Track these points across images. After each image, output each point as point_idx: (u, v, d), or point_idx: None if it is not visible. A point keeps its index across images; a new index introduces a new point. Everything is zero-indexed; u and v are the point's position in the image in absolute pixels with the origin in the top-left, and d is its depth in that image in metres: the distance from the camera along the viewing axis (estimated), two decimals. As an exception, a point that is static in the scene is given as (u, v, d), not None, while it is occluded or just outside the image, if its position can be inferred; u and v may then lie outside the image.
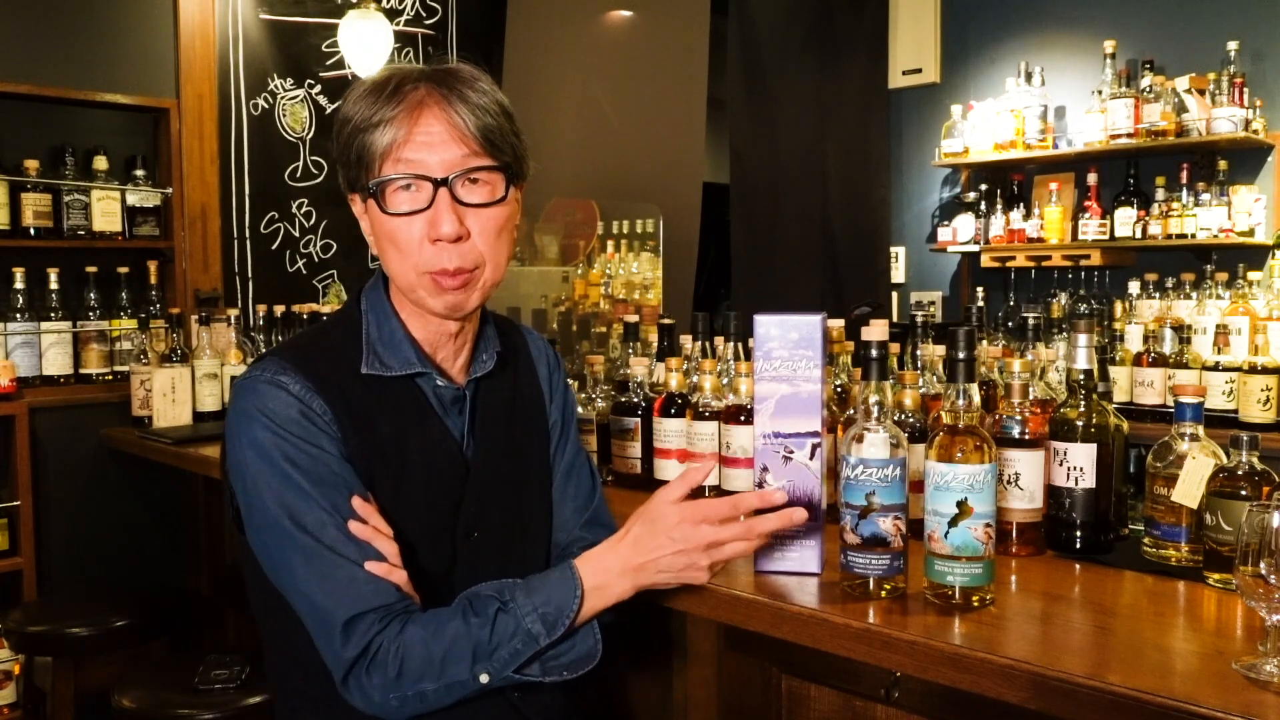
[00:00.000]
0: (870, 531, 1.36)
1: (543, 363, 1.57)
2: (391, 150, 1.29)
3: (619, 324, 2.61)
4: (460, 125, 1.29)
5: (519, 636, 1.25)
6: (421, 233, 1.30)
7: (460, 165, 1.30)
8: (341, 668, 1.24)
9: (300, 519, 1.26)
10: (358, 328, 1.39)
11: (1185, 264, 3.78)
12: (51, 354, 3.26)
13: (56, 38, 3.32)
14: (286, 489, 1.26)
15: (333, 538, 1.26)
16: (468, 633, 1.24)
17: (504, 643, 1.24)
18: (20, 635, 2.63)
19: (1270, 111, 4.02)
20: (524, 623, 1.25)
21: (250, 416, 1.29)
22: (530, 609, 1.26)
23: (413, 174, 1.29)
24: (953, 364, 1.38)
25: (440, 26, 4.39)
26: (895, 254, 5.18)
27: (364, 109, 1.30)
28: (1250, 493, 1.38)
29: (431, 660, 1.23)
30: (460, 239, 1.30)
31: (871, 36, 5.10)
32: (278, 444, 1.27)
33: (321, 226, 4.04)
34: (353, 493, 1.29)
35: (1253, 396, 2.94)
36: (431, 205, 1.30)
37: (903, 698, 1.37)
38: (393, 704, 1.24)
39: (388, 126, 1.28)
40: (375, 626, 1.23)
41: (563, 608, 1.27)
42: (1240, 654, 1.16)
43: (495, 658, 1.24)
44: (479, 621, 1.25)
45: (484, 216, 1.32)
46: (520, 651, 1.25)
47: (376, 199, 1.31)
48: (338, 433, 1.30)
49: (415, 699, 1.24)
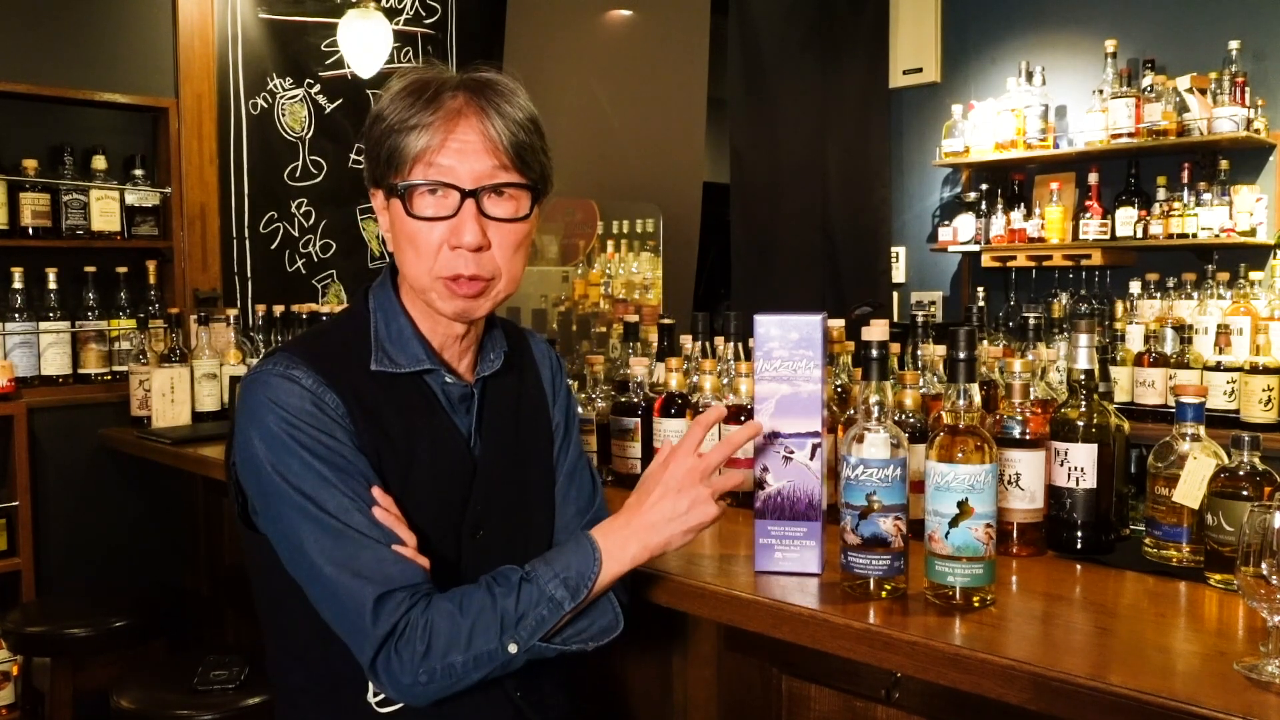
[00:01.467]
0: (871, 532, 1.35)
1: (545, 366, 1.58)
2: (424, 155, 1.29)
3: (619, 324, 2.61)
4: (494, 137, 1.30)
5: (544, 603, 1.26)
6: (442, 238, 1.31)
7: (489, 178, 1.31)
8: (371, 647, 1.23)
9: (323, 503, 1.26)
10: (366, 325, 1.39)
11: (1186, 264, 3.77)
12: (50, 354, 3.26)
13: (56, 38, 3.31)
14: (307, 475, 1.26)
15: (358, 521, 1.26)
16: (493, 603, 1.25)
17: (530, 610, 1.25)
18: (19, 636, 2.63)
19: (1272, 111, 4.02)
20: (547, 589, 1.27)
21: (264, 408, 1.29)
22: (551, 575, 1.28)
23: (442, 181, 1.30)
24: (953, 364, 1.38)
25: (440, 26, 4.39)
26: (896, 254, 5.18)
27: (400, 110, 1.30)
28: (1252, 493, 1.37)
29: (459, 631, 1.23)
30: (480, 249, 1.32)
31: (872, 36, 5.09)
32: (293, 434, 1.27)
33: (321, 226, 4.04)
34: (370, 483, 1.29)
35: (1254, 396, 2.93)
36: (456, 214, 1.30)
37: (903, 698, 1.37)
38: (422, 680, 1.23)
39: (423, 131, 1.29)
40: (405, 604, 1.24)
41: (584, 572, 1.29)
42: (1242, 655, 1.15)
43: (522, 625, 1.25)
44: (503, 590, 1.26)
45: (505, 230, 1.34)
46: (546, 618, 1.26)
47: (403, 200, 1.31)
48: (350, 425, 1.30)
49: (444, 674, 1.23)
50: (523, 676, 1.33)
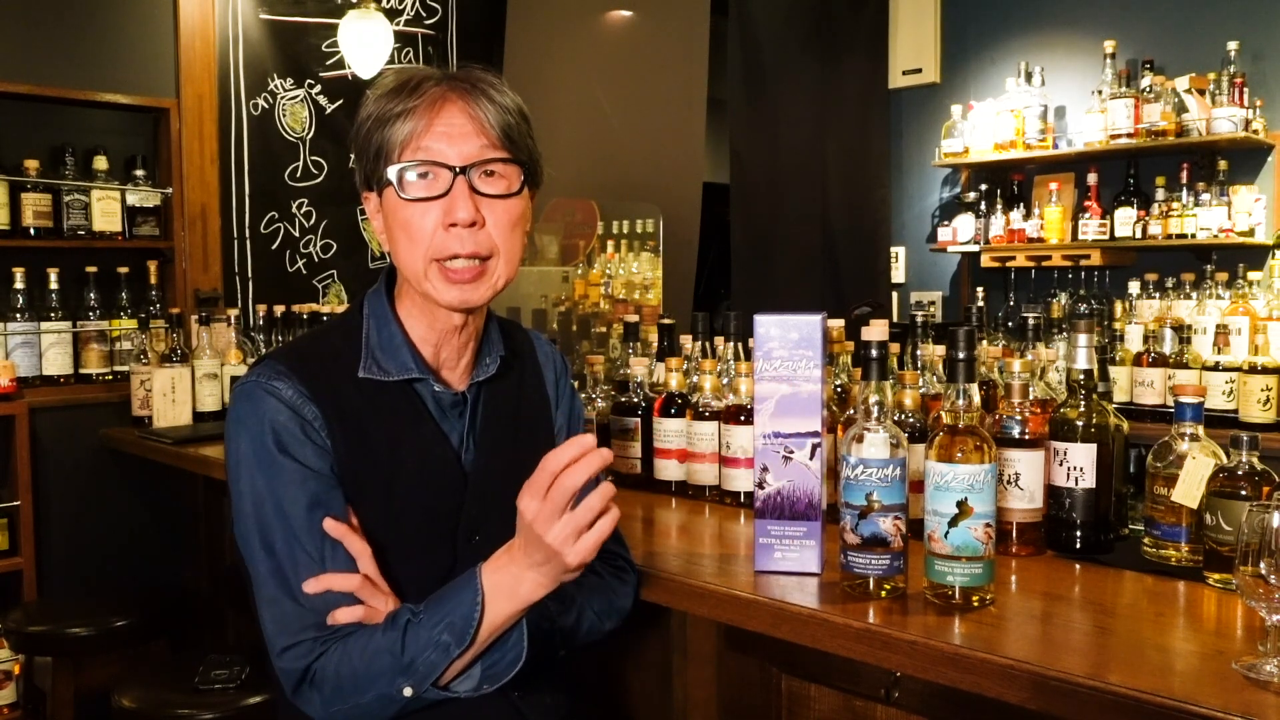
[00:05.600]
0: (870, 531, 1.36)
1: (549, 367, 1.58)
2: (411, 140, 1.30)
3: (619, 324, 2.61)
4: (480, 119, 1.31)
5: (431, 648, 1.24)
6: (436, 220, 1.31)
7: (478, 156, 1.31)
8: (289, 684, 1.28)
9: (270, 537, 1.29)
10: (358, 332, 1.39)
11: (1185, 264, 3.78)
12: (51, 354, 3.26)
13: (56, 38, 3.32)
14: (263, 506, 1.29)
15: (296, 561, 1.28)
16: (385, 647, 1.25)
17: (419, 655, 1.24)
18: (20, 635, 2.63)
19: (1270, 111, 4.02)
20: (433, 634, 1.24)
21: (241, 422, 1.32)
22: (439, 618, 1.25)
23: (431, 161, 1.30)
24: (953, 364, 1.38)
25: (440, 26, 4.39)
26: (895, 254, 5.18)
27: (384, 104, 1.32)
28: (1250, 493, 1.38)
29: (356, 674, 1.25)
30: (475, 225, 1.32)
31: (871, 36, 5.09)
32: (263, 456, 1.29)
33: (321, 226, 4.04)
34: (330, 511, 1.30)
35: (1253, 396, 2.94)
36: (448, 193, 1.31)
37: (903, 698, 1.37)
38: (337, 716, 1.27)
39: (408, 118, 1.30)
40: (315, 651, 1.26)
41: (467, 615, 1.24)
42: (1240, 654, 1.16)
43: (413, 670, 1.24)
44: (393, 635, 1.25)
45: (499, 207, 1.34)
46: (436, 662, 1.24)
47: (394, 186, 1.31)
48: (327, 441, 1.32)
49: (354, 710, 1.26)
50: (521, 677, 1.33)
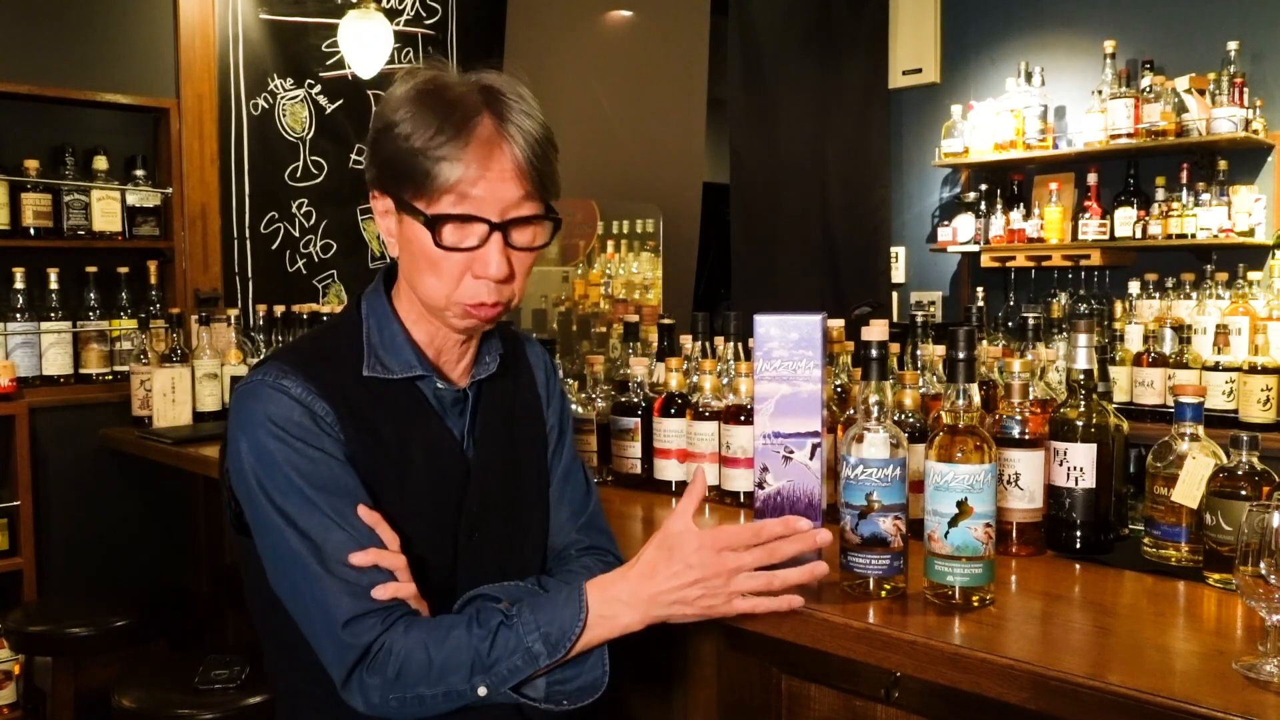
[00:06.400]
0: (870, 531, 1.36)
1: (540, 368, 1.58)
2: (456, 186, 1.27)
3: (619, 324, 2.61)
4: (520, 163, 1.29)
5: (519, 653, 1.23)
6: (464, 266, 1.30)
7: (515, 210, 1.30)
8: (342, 669, 1.24)
9: (304, 524, 1.26)
10: (358, 332, 1.39)
11: (1185, 264, 3.78)
12: (51, 354, 3.27)
13: (56, 38, 3.32)
14: (290, 492, 1.26)
15: (336, 542, 1.25)
16: (469, 643, 1.23)
17: (504, 657, 1.23)
18: (20, 635, 2.63)
19: (1270, 111, 4.02)
20: (525, 640, 1.24)
21: (253, 421, 1.29)
22: (534, 626, 1.24)
23: (472, 215, 1.28)
24: (953, 364, 1.38)
25: (440, 26, 4.39)
26: (895, 254, 5.18)
27: (422, 130, 1.26)
28: (1250, 493, 1.38)
29: (430, 665, 1.23)
30: (505, 279, 1.32)
31: (871, 36, 5.09)
32: (280, 449, 1.27)
33: (321, 226, 4.04)
34: (357, 500, 1.29)
35: (1253, 396, 2.94)
36: (483, 245, 1.29)
37: (903, 698, 1.37)
38: (392, 704, 1.24)
39: (455, 164, 1.26)
40: (378, 627, 1.23)
41: (566, 630, 1.25)
42: (1240, 654, 1.16)
43: (494, 671, 1.23)
44: (481, 633, 1.24)
45: (524, 258, 1.34)
46: (520, 668, 1.23)
47: (429, 227, 1.29)
48: (340, 435, 1.30)
49: (414, 702, 1.24)
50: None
